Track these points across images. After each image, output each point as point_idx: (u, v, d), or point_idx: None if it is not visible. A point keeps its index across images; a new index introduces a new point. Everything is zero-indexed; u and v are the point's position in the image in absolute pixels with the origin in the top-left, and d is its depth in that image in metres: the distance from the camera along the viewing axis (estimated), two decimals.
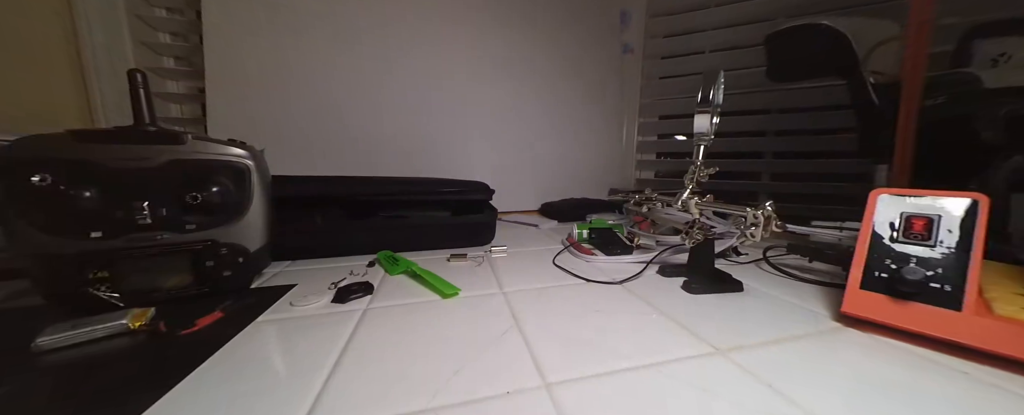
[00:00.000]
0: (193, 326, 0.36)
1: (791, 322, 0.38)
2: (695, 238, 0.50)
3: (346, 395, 0.27)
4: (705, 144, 0.50)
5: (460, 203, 0.73)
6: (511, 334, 0.35)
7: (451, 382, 0.28)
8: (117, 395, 0.27)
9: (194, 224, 0.44)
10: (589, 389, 0.27)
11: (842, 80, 0.69)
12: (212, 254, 0.44)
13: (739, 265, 0.58)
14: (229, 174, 0.46)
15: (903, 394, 0.27)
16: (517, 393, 0.27)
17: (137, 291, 0.41)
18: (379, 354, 0.32)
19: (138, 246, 0.41)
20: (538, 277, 0.52)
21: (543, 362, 0.30)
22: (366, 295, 0.45)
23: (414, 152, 1.03)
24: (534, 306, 0.42)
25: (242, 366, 0.30)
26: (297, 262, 0.60)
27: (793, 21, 0.72)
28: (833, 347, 0.33)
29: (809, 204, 0.91)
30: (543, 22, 1.11)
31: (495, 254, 0.65)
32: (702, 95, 0.47)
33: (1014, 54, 0.57)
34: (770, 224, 0.43)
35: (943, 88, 0.57)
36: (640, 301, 0.43)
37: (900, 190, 0.39)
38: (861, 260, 0.38)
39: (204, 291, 0.44)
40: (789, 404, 0.25)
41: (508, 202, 1.08)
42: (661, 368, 0.30)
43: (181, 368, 0.30)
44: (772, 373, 0.29)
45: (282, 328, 0.37)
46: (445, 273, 0.52)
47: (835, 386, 0.28)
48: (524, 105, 1.13)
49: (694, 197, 0.49)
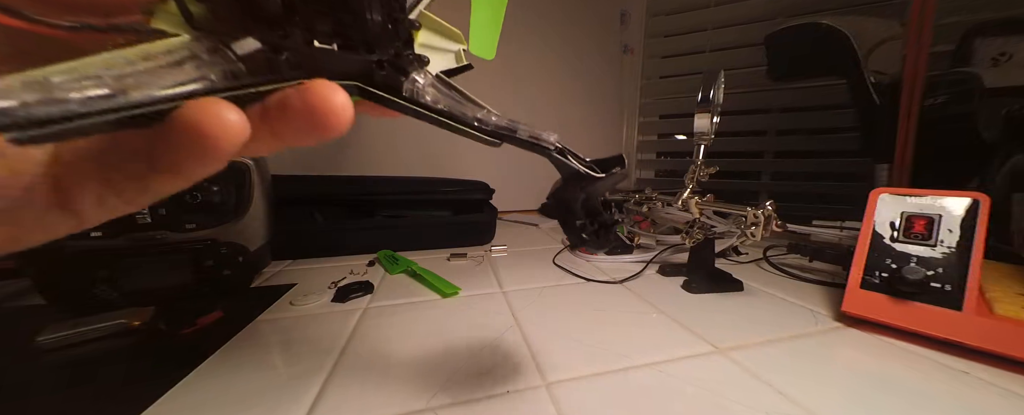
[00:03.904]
0: (193, 325, 0.36)
1: (791, 321, 0.38)
2: (695, 237, 0.50)
3: (346, 394, 0.27)
4: (705, 144, 0.50)
5: (460, 203, 0.73)
6: (511, 333, 0.35)
7: (451, 381, 0.28)
8: (117, 394, 0.27)
9: (194, 223, 0.43)
10: (589, 389, 0.27)
11: (842, 79, 0.69)
12: (212, 253, 0.44)
13: (739, 264, 0.58)
14: (229, 173, 0.46)
15: (903, 394, 0.27)
16: (517, 393, 0.27)
17: (137, 290, 0.41)
18: (379, 353, 0.32)
19: (138, 245, 0.41)
20: (538, 276, 0.52)
21: (543, 362, 0.30)
22: (366, 294, 0.45)
23: (414, 152, 1.03)
24: (534, 305, 0.42)
25: (242, 366, 0.30)
26: (297, 261, 0.60)
27: (793, 20, 0.72)
28: (833, 347, 0.33)
29: (809, 203, 0.91)
30: (543, 21, 1.11)
31: (495, 253, 0.64)
32: (702, 95, 0.47)
33: (1015, 53, 0.57)
34: (770, 223, 0.43)
35: (944, 87, 0.57)
36: (640, 300, 0.43)
37: (901, 189, 0.39)
38: (861, 260, 0.38)
39: (204, 290, 0.44)
40: (789, 403, 0.25)
41: (508, 202, 1.08)
42: (661, 367, 0.30)
43: (181, 367, 0.30)
44: (772, 372, 0.29)
45: (282, 327, 0.37)
46: (445, 272, 0.52)
47: (835, 385, 0.28)
48: (524, 104, 1.13)
49: (694, 196, 0.49)
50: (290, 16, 0.13)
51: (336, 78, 0.14)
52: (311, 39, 0.14)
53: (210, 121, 0.10)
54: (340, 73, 0.15)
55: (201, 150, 0.10)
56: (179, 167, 0.11)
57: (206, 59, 0.11)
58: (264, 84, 0.12)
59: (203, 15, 0.12)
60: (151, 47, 0.11)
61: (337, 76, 0.14)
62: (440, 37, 0.18)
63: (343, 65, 0.14)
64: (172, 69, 0.11)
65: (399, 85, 0.15)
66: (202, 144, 0.10)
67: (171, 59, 0.11)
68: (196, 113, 0.10)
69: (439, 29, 0.18)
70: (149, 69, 0.10)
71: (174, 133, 0.10)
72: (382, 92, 0.15)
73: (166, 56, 0.11)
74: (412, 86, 0.16)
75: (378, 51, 0.15)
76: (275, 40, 0.13)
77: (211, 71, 0.11)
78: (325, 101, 0.12)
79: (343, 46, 0.14)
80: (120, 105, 0.09)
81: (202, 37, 0.11)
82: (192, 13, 0.11)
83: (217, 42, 0.12)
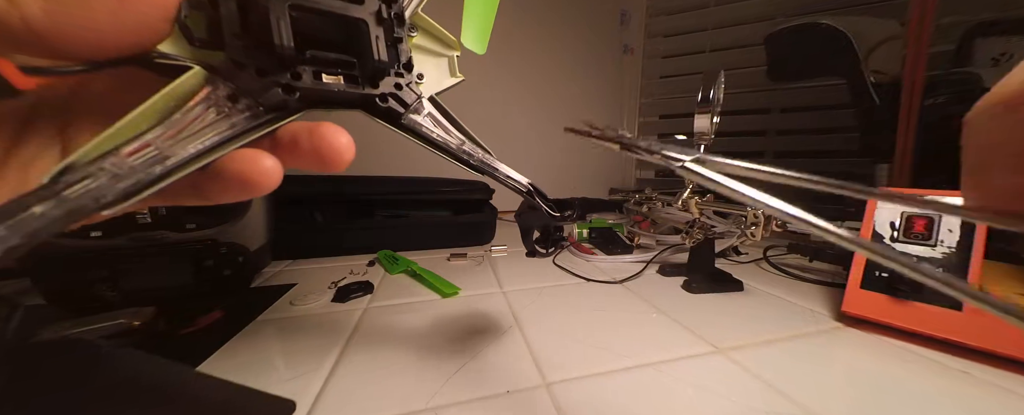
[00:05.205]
0: (193, 325, 0.36)
1: (791, 321, 0.38)
2: (695, 237, 0.50)
3: (346, 394, 0.27)
4: (705, 144, 0.50)
5: (460, 203, 0.73)
6: (511, 333, 0.35)
7: (451, 382, 0.28)
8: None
9: (194, 223, 0.44)
10: (589, 388, 0.27)
11: (842, 79, 0.69)
12: (212, 253, 0.44)
13: (739, 264, 0.58)
14: None
15: (903, 393, 0.27)
16: (517, 393, 0.27)
17: (137, 290, 0.41)
18: (379, 353, 0.32)
19: (138, 245, 0.41)
20: (538, 276, 0.52)
21: (543, 362, 0.30)
22: (366, 294, 0.45)
23: (414, 151, 1.02)
24: (534, 305, 0.42)
25: (242, 365, 0.30)
26: (297, 261, 0.60)
27: (793, 21, 0.72)
28: (833, 346, 0.33)
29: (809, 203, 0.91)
30: (543, 22, 1.11)
31: (495, 253, 0.64)
32: (702, 95, 0.46)
33: (1015, 53, 0.57)
34: (770, 223, 0.43)
35: (944, 87, 0.57)
36: (640, 300, 0.43)
37: (901, 189, 0.39)
38: (861, 260, 0.38)
39: (204, 290, 0.44)
40: (789, 403, 0.25)
41: (508, 202, 1.08)
42: (661, 367, 0.30)
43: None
44: (772, 372, 0.29)
45: (282, 327, 0.37)
46: (445, 272, 0.52)
47: (835, 385, 0.28)
48: (524, 104, 1.13)
49: (694, 196, 0.49)
50: (302, 57, 0.14)
51: (341, 107, 0.16)
52: (320, 74, 0.15)
53: (252, 169, 0.13)
54: (346, 104, 0.16)
55: (247, 190, 0.14)
56: (226, 198, 0.14)
57: (228, 106, 0.13)
58: (277, 122, 0.14)
59: (206, 39, 0.13)
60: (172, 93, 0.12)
61: (343, 106, 0.16)
62: (434, 41, 0.19)
63: (349, 97, 0.16)
64: (201, 123, 0.12)
65: (399, 116, 0.17)
66: (247, 187, 0.14)
67: (197, 113, 0.12)
68: (240, 165, 0.13)
69: (434, 32, 0.19)
70: (184, 125, 0.12)
71: (223, 179, 0.13)
72: (382, 120, 0.17)
73: (193, 111, 0.12)
74: (410, 118, 0.17)
75: (381, 84, 0.16)
76: (288, 82, 0.14)
77: (235, 117, 0.13)
78: (331, 145, 0.14)
79: (348, 79, 0.16)
80: (174, 166, 0.12)
81: (219, 82, 0.13)
82: (195, 35, 0.13)
83: (235, 89, 0.13)
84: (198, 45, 0.13)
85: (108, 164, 0.11)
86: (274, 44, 0.13)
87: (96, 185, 0.10)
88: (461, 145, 0.19)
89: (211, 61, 0.13)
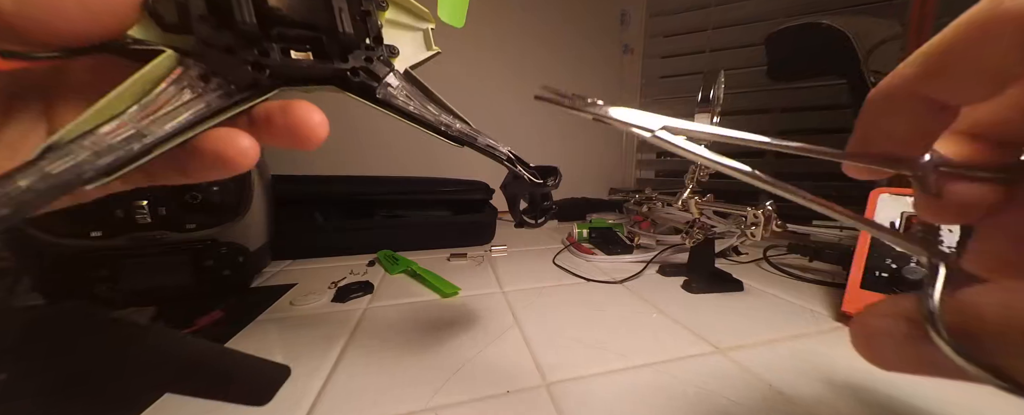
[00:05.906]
0: (193, 325, 0.36)
1: (791, 321, 0.38)
2: (695, 237, 0.50)
3: (346, 394, 0.27)
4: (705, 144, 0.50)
5: (460, 203, 0.73)
6: (511, 333, 0.35)
7: (451, 382, 0.28)
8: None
9: (194, 223, 0.43)
10: (589, 389, 0.27)
11: (842, 79, 0.69)
12: (212, 253, 0.44)
13: (739, 264, 0.58)
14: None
15: (903, 394, 0.27)
16: (517, 393, 0.27)
17: (137, 290, 0.41)
18: (379, 353, 0.32)
19: (138, 245, 0.41)
20: (538, 276, 0.52)
21: (543, 362, 0.30)
22: (366, 294, 0.45)
23: (414, 151, 1.03)
24: (534, 305, 0.42)
25: None
26: (297, 261, 0.60)
27: (793, 20, 0.72)
28: (833, 347, 0.33)
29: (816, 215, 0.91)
30: (542, 21, 1.11)
31: (495, 253, 0.64)
32: (702, 95, 0.47)
33: None
34: (770, 223, 0.43)
35: None
36: (640, 300, 0.43)
37: (900, 189, 0.39)
38: (861, 259, 0.38)
39: (204, 290, 0.44)
40: (789, 403, 0.25)
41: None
42: (661, 367, 0.30)
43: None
44: (772, 372, 0.29)
45: (282, 327, 0.37)
46: (445, 272, 0.52)
47: (835, 385, 0.28)
48: (523, 104, 1.13)
49: (694, 196, 0.49)
50: (266, 33, 0.14)
51: (314, 83, 0.16)
52: (288, 51, 0.15)
53: (228, 147, 0.14)
54: (317, 79, 0.16)
55: (225, 168, 0.14)
56: (208, 176, 0.15)
57: (201, 86, 0.13)
58: (251, 100, 0.14)
59: (176, 23, 0.13)
60: (146, 76, 0.12)
61: (315, 82, 0.16)
62: (407, 14, 0.19)
63: (320, 73, 0.16)
64: (176, 102, 0.13)
65: (373, 90, 0.17)
66: (226, 164, 0.14)
67: (170, 93, 0.13)
68: (216, 143, 0.14)
69: (406, 5, 0.19)
70: (159, 105, 0.13)
71: (201, 156, 0.14)
72: (357, 95, 0.17)
73: (166, 91, 0.13)
74: (385, 90, 0.17)
75: (351, 58, 0.16)
76: (256, 59, 0.14)
77: (208, 96, 0.13)
78: (304, 122, 0.15)
79: (318, 54, 0.16)
80: (152, 143, 0.12)
81: (190, 63, 0.13)
82: (165, 20, 0.13)
83: (206, 69, 0.13)
84: (169, 30, 0.13)
85: (88, 142, 0.11)
86: (236, 21, 0.13)
87: (77, 161, 0.11)
88: (438, 116, 0.19)
89: (182, 44, 0.13)
